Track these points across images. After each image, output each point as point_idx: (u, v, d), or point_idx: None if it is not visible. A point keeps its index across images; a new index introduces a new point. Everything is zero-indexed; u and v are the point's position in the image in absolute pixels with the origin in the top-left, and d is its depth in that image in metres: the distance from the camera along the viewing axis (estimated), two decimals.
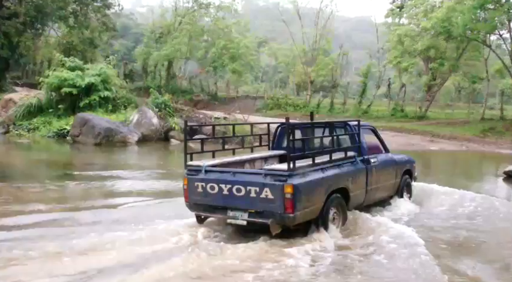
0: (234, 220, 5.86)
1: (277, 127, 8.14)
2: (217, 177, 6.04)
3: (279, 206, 5.49)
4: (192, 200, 6.20)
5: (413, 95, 46.65)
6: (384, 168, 7.69)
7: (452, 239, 6.46)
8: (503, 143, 23.29)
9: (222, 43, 41.20)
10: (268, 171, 5.78)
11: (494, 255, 5.89)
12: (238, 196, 5.77)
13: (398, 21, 38.83)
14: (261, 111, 37.32)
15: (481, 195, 9.00)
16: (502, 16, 26.74)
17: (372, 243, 5.77)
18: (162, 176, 12.26)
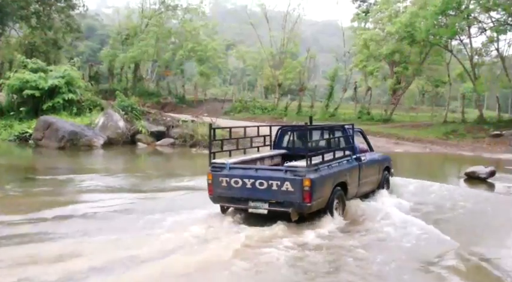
0: (255, 209, 6.93)
1: (278, 130, 9.27)
2: (241, 173, 7.07)
3: (298, 196, 6.59)
4: (216, 193, 7.17)
5: (379, 98, 47.49)
6: (371, 165, 8.92)
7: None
8: (465, 145, 23.97)
9: (189, 45, 40.95)
10: (288, 168, 6.87)
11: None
12: (261, 189, 6.79)
13: (363, 26, 39.50)
14: (229, 114, 37.23)
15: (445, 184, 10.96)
16: (462, 22, 27.56)
17: (369, 223, 7.38)
18: (130, 180, 12.06)
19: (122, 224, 7.39)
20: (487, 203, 9.47)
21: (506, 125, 27.25)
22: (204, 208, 7.72)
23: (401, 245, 6.36)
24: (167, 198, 9.65)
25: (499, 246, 6.69)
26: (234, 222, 7.03)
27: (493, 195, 11.10)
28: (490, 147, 23.43)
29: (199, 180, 10.21)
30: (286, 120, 33.33)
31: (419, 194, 9.94)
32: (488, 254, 6.05)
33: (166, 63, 43.61)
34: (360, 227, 7.23)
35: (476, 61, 30.55)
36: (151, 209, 8.31)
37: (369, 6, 39.60)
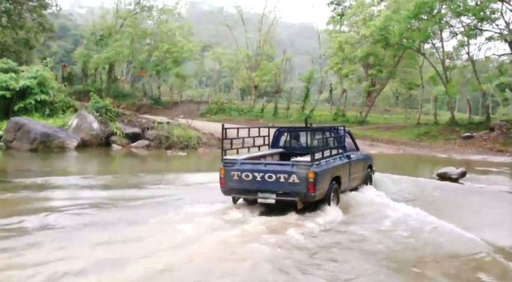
0: (264, 200, 7.73)
1: (276, 131, 10.30)
2: (251, 167, 7.89)
3: (303, 187, 7.43)
4: (228, 186, 7.96)
5: (354, 100, 48.13)
6: (358, 162, 9.94)
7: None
8: (437, 147, 24.44)
9: (165, 47, 40.66)
10: (295, 162, 7.76)
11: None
12: (269, 181, 7.61)
13: (338, 29, 39.93)
14: (205, 115, 37.11)
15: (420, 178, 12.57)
16: (434, 26, 28.14)
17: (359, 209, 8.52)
18: (104, 183, 11.88)
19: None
20: (455, 192, 11.33)
21: (476, 127, 27.90)
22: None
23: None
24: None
25: (466, 220, 8.20)
26: (248, 214, 7.77)
27: (461, 186, 12.42)
28: (461, 148, 23.96)
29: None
30: (263, 122, 33.39)
31: (398, 186, 11.26)
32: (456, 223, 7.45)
33: (141, 64, 43.16)
34: (360, 213, 8.34)
35: (447, 64, 31.21)
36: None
37: (344, 9, 40.03)
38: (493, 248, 6.43)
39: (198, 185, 11.74)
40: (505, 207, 10.11)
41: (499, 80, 40.19)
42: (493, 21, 25.13)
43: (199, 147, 21.09)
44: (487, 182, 13.04)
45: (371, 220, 7.81)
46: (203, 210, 8.00)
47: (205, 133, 23.03)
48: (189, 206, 8.39)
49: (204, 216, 7.55)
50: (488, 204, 10.13)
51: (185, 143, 20.82)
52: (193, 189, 11.24)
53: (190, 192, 10.61)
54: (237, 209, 8.02)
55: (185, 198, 9.50)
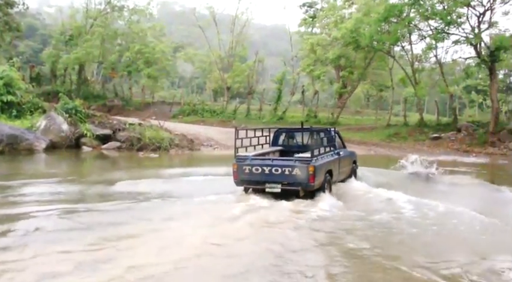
0: (271, 189, 9.18)
1: (275, 132, 11.89)
2: (260, 162, 9.36)
3: (305, 178, 8.93)
4: (240, 178, 9.45)
5: (326, 101, 48.63)
6: (345, 158, 11.59)
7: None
8: (407, 148, 24.92)
9: (136, 47, 40.19)
10: (298, 158, 9.33)
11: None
12: (276, 174, 9.09)
13: (310, 31, 40.29)
14: (177, 117, 36.88)
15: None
16: (403, 29, 28.64)
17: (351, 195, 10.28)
18: (74, 185, 11.63)
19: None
20: (425, 181, 13.09)
21: (444, 128, 28.59)
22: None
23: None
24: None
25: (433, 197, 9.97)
26: (266, 201, 9.07)
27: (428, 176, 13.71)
28: (430, 149, 24.53)
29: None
30: (235, 123, 33.37)
31: (379, 178, 12.97)
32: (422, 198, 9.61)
33: (112, 65, 42.52)
34: (351, 198, 10.05)
35: (416, 67, 31.85)
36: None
37: (316, 11, 40.47)
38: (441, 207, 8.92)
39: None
40: (461, 190, 12.10)
41: (465, 83, 41.28)
42: (459, 25, 25.75)
43: (172, 149, 20.93)
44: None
45: (361, 202, 9.61)
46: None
47: (177, 134, 22.86)
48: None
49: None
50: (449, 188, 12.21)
51: (157, 144, 20.63)
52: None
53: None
54: (251, 198, 9.32)
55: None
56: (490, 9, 25.09)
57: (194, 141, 22.93)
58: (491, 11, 25.25)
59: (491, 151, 23.41)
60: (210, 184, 11.52)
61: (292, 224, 7.61)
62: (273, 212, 8.31)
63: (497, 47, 24.28)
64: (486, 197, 11.23)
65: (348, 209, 8.92)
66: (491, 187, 12.42)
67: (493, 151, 23.40)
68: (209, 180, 12.26)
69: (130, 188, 10.94)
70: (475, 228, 7.75)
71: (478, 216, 8.24)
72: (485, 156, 22.06)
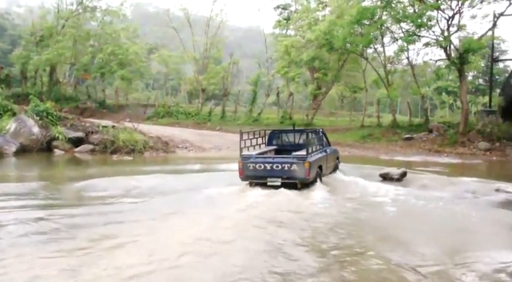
0: (272, 183, 10.71)
1: (270, 133, 13.57)
2: (262, 160, 10.98)
3: (302, 173, 10.59)
4: (245, 174, 10.98)
5: (301, 103, 48.93)
6: (331, 155, 13.36)
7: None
8: (380, 148, 25.32)
9: (109, 49, 39.65)
10: (295, 156, 10.94)
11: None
12: (276, 170, 10.67)
13: (285, 33, 40.48)
14: (152, 119, 36.57)
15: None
16: (375, 32, 29.08)
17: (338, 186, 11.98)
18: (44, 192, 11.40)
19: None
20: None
21: (416, 128, 29.10)
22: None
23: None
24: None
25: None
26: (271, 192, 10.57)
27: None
28: (403, 149, 24.96)
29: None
30: (210, 125, 33.36)
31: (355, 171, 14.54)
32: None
33: (85, 66, 41.84)
34: (340, 187, 11.90)
35: (389, 69, 32.37)
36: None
37: (290, 13, 40.68)
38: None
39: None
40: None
41: (436, 84, 42.30)
42: (430, 28, 26.26)
43: (146, 151, 20.75)
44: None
45: (349, 191, 11.45)
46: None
47: (152, 137, 22.68)
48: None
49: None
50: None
51: (131, 147, 20.41)
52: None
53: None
54: (258, 189, 10.84)
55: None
56: (459, 13, 25.69)
57: (169, 143, 22.78)
58: (460, 15, 25.86)
59: (461, 151, 23.95)
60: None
61: (298, 204, 9.66)
62: (282, 198, 10.09)
63: (466, 49, 24.88)
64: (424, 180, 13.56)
65: (336, 194, 10.85)
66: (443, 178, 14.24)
67: (463, 151, 23.96)
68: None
69: (103, 192, 10.82)
70: (411, 201, 10.53)
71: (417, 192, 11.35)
72: (455, 156, 22.57)
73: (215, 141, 25.39)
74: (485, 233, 8.15)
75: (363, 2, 29.66)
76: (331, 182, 12.30)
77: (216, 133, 30.04)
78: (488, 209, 10.16)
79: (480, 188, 12.28)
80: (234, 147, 23.71)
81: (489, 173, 18.17)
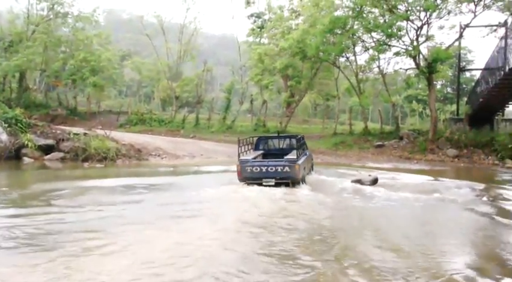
0: (267, 183, 12.19)
1: (257, 139, 15.29)
2: (259, 163, 12.52)
3: (293, 174, 12.21)
4: (243, 175, 12.49)
5: (275, 110, 49.17)
6: (309, 157, 15.30)
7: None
8: (352, 155, 25.70)
9: (81, 55, 39.07)
10: (287, 159, 12.55)
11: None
12: (271, 171, 12.21)
13: (258, 41, 40.72)
14: (124, 126, 36.19)
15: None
16: (347, 41, 29.62)
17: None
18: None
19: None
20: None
21: (387, 136, 29.67)
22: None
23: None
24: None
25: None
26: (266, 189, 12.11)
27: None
28: (374, 156, 25.40)
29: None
30: (184, 133, 33.26)
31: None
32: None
33: (56, 73, 41.11)
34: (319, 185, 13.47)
35: (361, 77, 32.99)
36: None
37: (263, 22, 40.91)
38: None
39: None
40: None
41: (406, 92, 43.20)
42: (400, 37, 26.87)
43: (118, 159, 20.53)
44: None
45: (326, 187, 13.09)
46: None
47: (124, 144, 22.46)
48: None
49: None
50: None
51: (103, 154, 20.16)
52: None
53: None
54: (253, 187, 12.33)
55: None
56: (427, 24, 26.38)
57: (142, 151, 22.60)
58: (428, 25, 26.55)
59: (430, 158, 24.54)
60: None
61: (292, 196, 11.54)
62: (278, 193, 11.71)
63: (434, 59, 25.55)
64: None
65: (316, 190, 12.49)
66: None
67: (433, 158, 24.55)
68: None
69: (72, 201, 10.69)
70: (375, 193, 12.54)
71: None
72: (425, 163, 23.10)
73: (188, 148, 25.31)
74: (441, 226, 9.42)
75: (335, 11, 30.12)
76: (311, 181, 14.03)
77: (190, 141, 29.95)
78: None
79: (444, 189, 13.54)
80: (207, 155, 23.77)
81: (457, 177, 18.64)
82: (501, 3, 25.68)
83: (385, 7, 26.19)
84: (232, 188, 12.53)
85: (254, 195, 11.50)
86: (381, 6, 26.29)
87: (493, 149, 24.32)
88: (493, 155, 24.02)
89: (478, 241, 8.33)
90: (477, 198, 12.53)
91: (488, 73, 23.90)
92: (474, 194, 13.17)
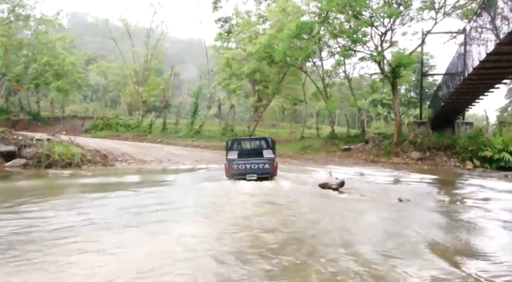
0: (251, 178, 13.89)
1: (232, 141, 16.60)
2: (244, 162, 14.21)
3: (271, 170, 14.12)
4: (230, 172, 14.09)
5: (243, 115, 49.28)
6: (276, 156, 16.22)
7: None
8: (319, 159, 25.99)
9: (44, 59, 38.20)
10: (267, 158, 14.50)
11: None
12: (253, 168, 14.01)
13: (226, 45, 40.76)
14: (90, 132, 35.54)
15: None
16: (314, 46, 30.02)
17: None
18: None
19: None
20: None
21: (353, 140, 30.16)
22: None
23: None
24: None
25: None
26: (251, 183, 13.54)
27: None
28: (341, 160, 25.76)
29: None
30: (151, 138, 32.91)
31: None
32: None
33: (18, 77, 40.02)
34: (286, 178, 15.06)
35: (327, 82, 33.50)
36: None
37: (231, 26, 41.02)
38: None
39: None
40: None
41: (372, 97, 44.02)
42: (365, 43, 27.45)
43: (84, 165, 20.12)
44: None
45: (292, 181, 14.66)
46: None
47: (90, 150, 22.00)
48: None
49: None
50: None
51: (67, 161, 19.72)
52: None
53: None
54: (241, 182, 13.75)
55: None
56: (391, 30, 27.03)
57: (108, 156, 22.19)
58: (392, 31, 27.22)
59: (395, 161, 25.08)
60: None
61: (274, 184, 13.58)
62: (261, 185, 13.20)
63: (398, 64, 26.18)
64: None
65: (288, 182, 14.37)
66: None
67: (397, 161, 25.10)
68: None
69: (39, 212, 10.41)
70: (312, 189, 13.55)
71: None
72: (390, 166, 23.58)
73: (156, 153, 25.05)
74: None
75: (301, 17, 30.52)
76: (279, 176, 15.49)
77: (157, 145, 29.65)
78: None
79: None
80: (174, 160, 23.57)
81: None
82: (460, 11, 26.59)
83: (350, 13, 26.68)
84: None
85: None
86: (347, 13, 26.78)
87: (454, 151, 25.06)
88: (455, 157, 24.76)
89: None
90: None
91: (449, 78, 24.63)
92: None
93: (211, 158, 23.85)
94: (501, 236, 8.09)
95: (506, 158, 23.35)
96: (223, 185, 13.55)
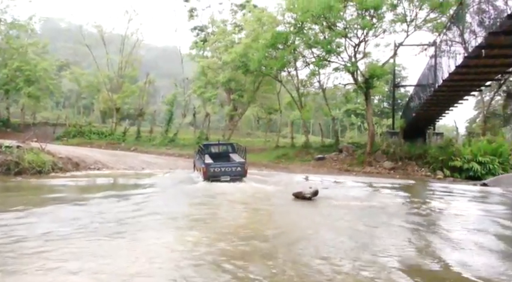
0: (225, 179, 16.15)
1: (203, 145, 19.62)
2: (219, 166, 16.58)
3: (242, 172, 16.67)
4: (208, 175, 16.17)
5: (218, 123, 49.19)
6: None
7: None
8: (294, 168, 26.14)
9: (15, 64, 37.37)
10: (239, 162, 17.01)
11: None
12: (227, 171, 16.39)
13: (202, 54, 40.72)
14: (62, 139, 34.91)
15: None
16: (289, 56, 30.27)
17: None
18: None
19: None
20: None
21: (328, 149, 30.47)
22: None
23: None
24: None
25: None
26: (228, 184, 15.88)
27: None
28: (315, 169, 25.97)
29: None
30: (125, 146, 32.57)
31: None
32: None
33: None
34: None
35: (302, 91, 33.76)
36: None
37: (207, 35, 41.03)
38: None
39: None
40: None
41: (345, 107, 44.57)
42: (339, 54, 27.86)
43: (55, 173, 19.73)
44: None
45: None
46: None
47: (61, 158, 21.62)
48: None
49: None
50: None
51: (38, 168, 19.32)
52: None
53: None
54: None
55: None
56: (364, 41, 27.50)
57: (80, 164, 21.86)
58: (365, 43, 27.70)
59: (368, 170, 25.44)
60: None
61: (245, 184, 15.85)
62: (237, 185, 15.76)
63: (371, 75, 26.64)
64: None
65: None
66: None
67: (370, 170, 25.46)
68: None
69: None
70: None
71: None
72: (363, 175, 23.88)
73: (129, 162, 24.78)
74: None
75: (277, 27, 30.79)
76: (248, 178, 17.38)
77: (131, 154, 29.35)
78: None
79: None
80: (148, 168, 23.36)
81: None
82: (430, 25, 27.28)
83: (325, 24, 27.06)
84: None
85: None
86: (321, 23, 27.15)
87: (425, 161, 25.58)
88: (426, 166, 25.27)
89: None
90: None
91: (420, 89, 25.16)
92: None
93: (186, 166, 23.72)
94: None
95: (475, 168, 23.95)
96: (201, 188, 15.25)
